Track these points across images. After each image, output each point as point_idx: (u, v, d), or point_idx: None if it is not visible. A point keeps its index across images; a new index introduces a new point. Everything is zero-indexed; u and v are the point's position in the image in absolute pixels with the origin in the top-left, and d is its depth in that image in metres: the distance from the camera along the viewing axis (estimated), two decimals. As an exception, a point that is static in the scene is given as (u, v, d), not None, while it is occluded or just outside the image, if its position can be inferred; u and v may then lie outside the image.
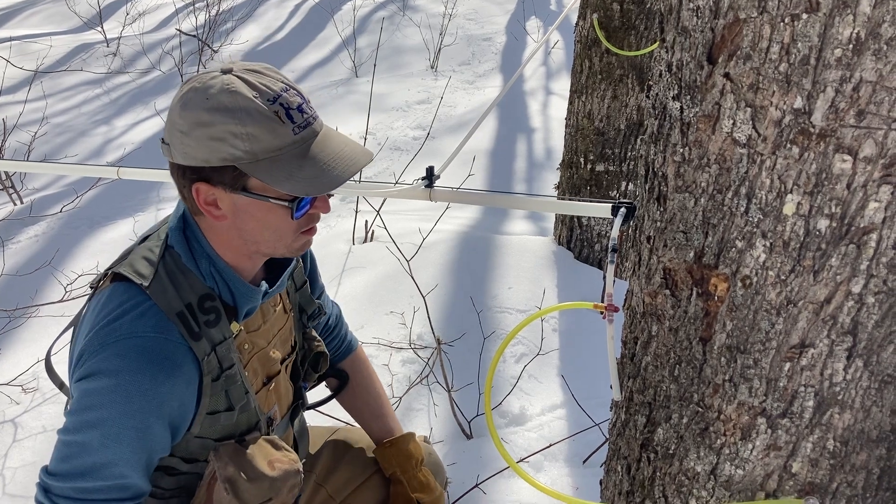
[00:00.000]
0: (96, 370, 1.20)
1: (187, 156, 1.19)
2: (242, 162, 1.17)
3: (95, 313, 1.26)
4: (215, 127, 1.16)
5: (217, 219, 1.25)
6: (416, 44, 7.26)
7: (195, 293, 1.29)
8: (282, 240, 1.30)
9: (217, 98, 1.17)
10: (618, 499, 1.39)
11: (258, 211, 1.24)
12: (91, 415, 1.20)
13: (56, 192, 4.76)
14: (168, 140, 1.23)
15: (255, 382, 1.43)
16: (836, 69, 0.87)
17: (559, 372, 2.64)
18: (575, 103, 3.24)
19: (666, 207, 1.12)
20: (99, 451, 1.20)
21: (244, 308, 1.35)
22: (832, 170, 0.92)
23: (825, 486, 1.12)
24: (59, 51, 7.78)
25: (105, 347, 1.21)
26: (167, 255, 1.29)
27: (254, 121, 1.16)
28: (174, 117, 1.21)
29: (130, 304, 1.24)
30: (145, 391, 1.20)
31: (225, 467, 1.33)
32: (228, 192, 1.22)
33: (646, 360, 1.24)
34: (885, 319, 0.99)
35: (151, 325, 1.23)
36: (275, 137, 1.18)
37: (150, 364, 1.21)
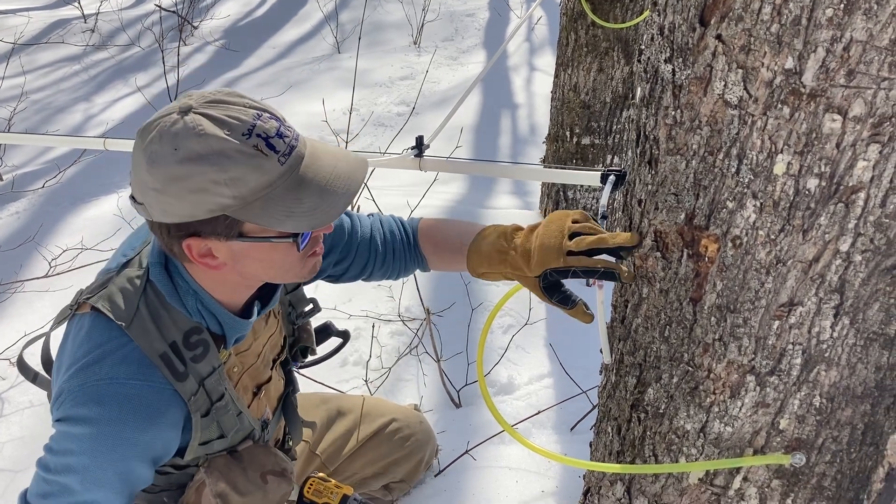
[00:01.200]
0: (76, 416, 1.16)
1: (168, 213, 1.09)
2: (233, 209, 1.07)
3: (75, 348, 1.21)
4: (193, 179, 1.04)
5: (214, 268, 1.16)
6: (399, 20, 7.21)
7: (179, 330, 1.22)
8: (290, 271, 1.22)
9: (186, 146, 1.04)
10: (608, 459, 1.42)
11: (258, 252, 1.15)
12: (72, 459, 1.17)
13: (37, 168, 4.71)
14: (141, 199, 1.11)
15: (246, 397, 1.41)
16: (827, 29, 0.88)
17: (546, 342, 2.67)
18: (561, 76, 3.25)
19: (657, 170, 1.14)
20: (80, 493, 1.17)
21: (233, 338, 1.31)
22: (822, 130, 0.93)
23: (811, 441, 1.15)
24: (35, 26, 7.65)
25: (85, 391, 1.16)
26: (149, 290, 1.22)
27: (234, 162, 1.04)
28: (142, 175, 1.08)
29: (111, 345, 1.18)
30: (127, 439, 1.17)
31: (216, 483, 1.31)
32: (223, 241, 1.12)
33: (636, 323, 1.26)
34: (872, 277, 1.01)
35: (133, 371, 1.17)
36: (262, 174, 1.06)
37: (132, 413, 1.16)
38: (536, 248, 1.25)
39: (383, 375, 2.53)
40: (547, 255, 1.23)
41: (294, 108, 5.38)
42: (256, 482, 1.36)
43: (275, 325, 1.49)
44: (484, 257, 1.35)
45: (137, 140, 1.09)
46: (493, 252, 1.33)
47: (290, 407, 1.62)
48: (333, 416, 1.95)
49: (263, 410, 1.48)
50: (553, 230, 1.25)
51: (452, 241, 1.48)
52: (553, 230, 1.25)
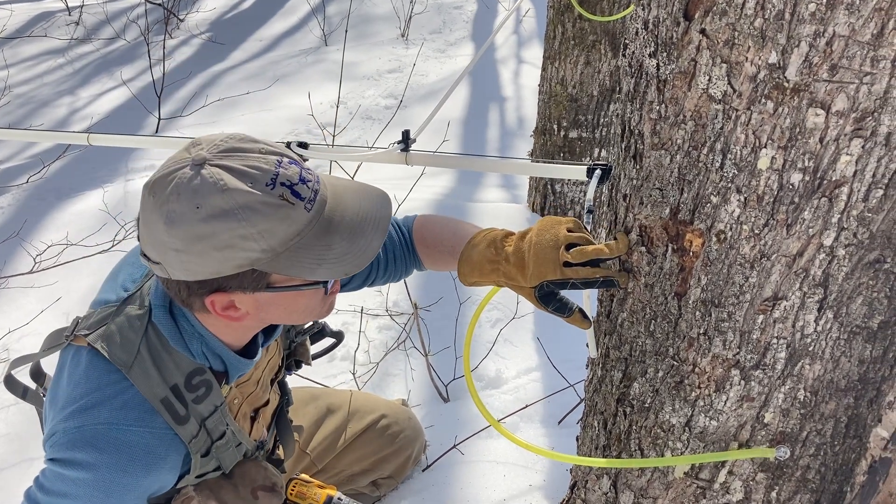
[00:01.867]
0: (72, 460, 1.13)
1: (190, 272, 1.04)
2: (262, 262, 1.03)
3: (72, 386, 1.17)
4: (220, 236, 0.99)
5: (236, 319, 1.12)
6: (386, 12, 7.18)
7: (182, 372, 1.19)
8: (312, 313, 1.19)
9: (210, 203, 0.98)
10: (594, 453, 1.42)
11: (285, 301, 1.12)
12: (65, 502, 1.14)
13: (21, 163, 4.67)
14: (157, 259, 1.05)
15: (245, 425, 1.40)
16: (811, 24, 0.88)
17: (534, 336, 2.67)
18: (548, 70, 3.24)
19: (642, 165, 1.14)
20: None
21: (236, 375, 1.28)
22: (805, 124, 0.94)
23: (795, 435, 1.15)
24: (18, 19, 7.58)
25: (82, 435, 1.13)
26: (150, 332, 1.18)
27: (261, 216, 1.00)
28: (160, 236, 1.02)
29: (111, 390, 1.15)
30: (125, 486, 1.14)
31: (206, 502, 1.30)
32: (250, 293, 1.08)
33: (622, 317, 1.26)
34: (855, 271, 1.02)
35: (134, 418, 1.14)
36: (290, 224, 1.02)
37: (130, 460, 1.13)
38: (532, 259, 1.21)
39: (371, 370, 2.52)
40: (543, 268, 1.19)
41: (281, 102, 5.35)
42: (247, 498, 1.34)
43: (274, 347, 1.46)
44: (475, 267, 1.30)
45: (148, 197, 1.03)
46: (484, 262, 1.29)
47: (284, 420, 1.60)
48: (323, 413, 1.94)
49: (261, 432, 1.47)
50: (548, 240, 1.20)
51: (444, 246, 1.45)
52: (548, 240, 1.20)
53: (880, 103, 0.90)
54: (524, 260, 1.23)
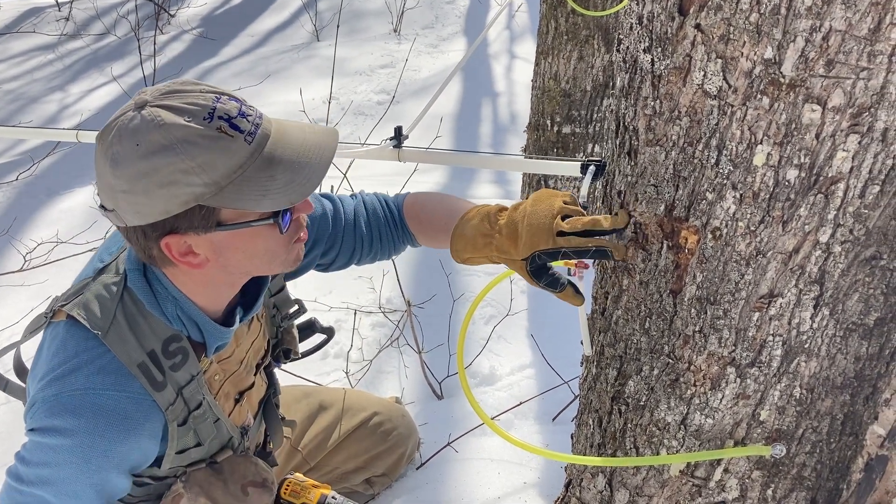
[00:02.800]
0: (50, 427, 1.13)
1: (141, 214, 1.04)
2: (206, 197, 1.03)
3: (50, 356, 1.17)
4: (161, 172, 1.01)
5: (197, 266, 1.12)
6: (378, 7, 7.15)
7: (158, 338, 1.19)
8: (275, 259, 1.18)
9: (148, 140, 1.00)
10: (589, 451, 1.41)
11: (240, 241, 1.11)
12: (46, 471, 1.14)
13: (10, 160, 4.63)
14: (110, 205, 1.07)
15: (227, 405, 1.38)
16: (807, 18, 0.87)
17: (528, 332, 2.66)
18: (541, 65, 3.23)
19: (637, 161, 1.13)
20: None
21: (214, 346, 1.27)
22: (801, 120, 0.93)
23: (791, 432, 1.15)
24: (7, 15, 7.52)
25: (60, 402, 1.13)
26: (126, 297, 1.17)
27: (200, 149, 1.01)
28: (108, 180, 1.04)
29: (87, 355, 1.14)
30: (104, 451, 1.14)
31: (196, 497, 1.29)
32: (203, 234, 1.08)
33: (617, 314, 1.25)
34: (851, 268, 1.01)
35: (111, 382, 1.14)
36: (230, 156, 1.03)
37: (108, 425, 1.13)
38: (525, 230, 1.19)
39: (364, 368, 2.51)
40: (536, 237, 1.17)
41: (272, 98, 5.32)
42: (237, 495, 1.33)
43: (258, 329, 1.45)
44: (468, 242, 1.29)
45: (97, 146, 1.05)
46: (478, 236, 1.28)
47: (271, 410, 1.59)
48: (315, 410, 1.93)
49: (245, 417, 1.46)
50: (542, 210, 1.19)
51: (438, 221, 1.43)
52: (542, 210, 1.19)
53: (877, 99, 0.89)
54: (517, 231, 1.21)
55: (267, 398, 1.57)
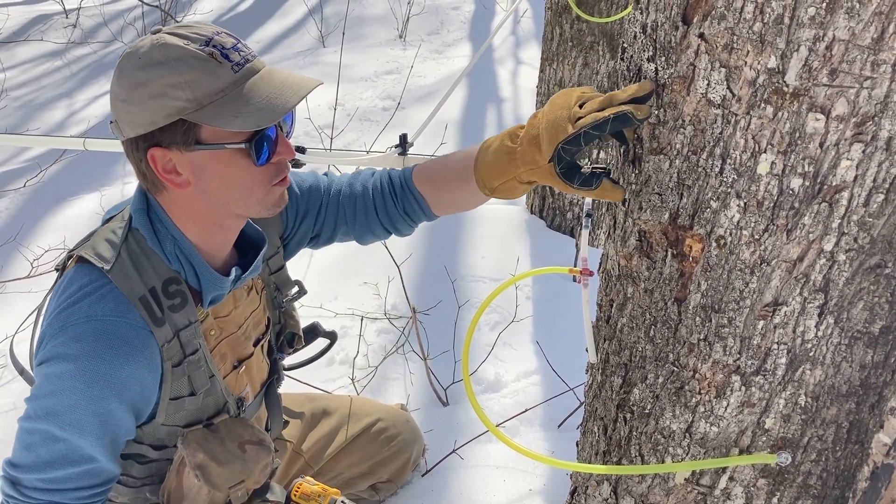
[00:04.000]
0: (55, 355, 1.18)
1: (133, 124, 1.15)
2: (188, 112, 1.13)
3: (57, 296, 1.24)
4: (153, 83, 1.12)
5: (179, 186, 1.20)
6: (383, 13, 7.17)
7: (159, 277, 1.25)
8: (252, 194, 1.23)
9: (148, 55, 1.13)
10: (594, 459, 1.41)
11: (218, 165, 1.19)
12: (51, 401, 1.17)
13: (18, 166, 4.65)
14: (114, 116, 1.19)
15: (224, 367, 1.41)
16: (810, 28, 0.88)
17: (533, 339, 2.66)
18: (546, 71, 3.23)
19: (641, 170, 1.13)
20: (61, 438, 1.18)
21: (209, 295, 1.31)
22: (805, 129, 0.93)
23: (797, 440, 1.14)
24: (15, 21, 7.56)
25: (64, 331, 1.18)
26: (130, 238, 1.25)
27: (190, 67, 1.12)
28: (114, 89, 1.17)
29: (91, 287, 1.21)
30: (104, 375, 1.17)
31: (194, 454, 1.30)
32: (184, 152, 1.16)
33: (621, 322, 1.25)
34: (856, 276, 1.01)
35: (111, 309, 1.19)
36: (215, 79, 1.13)
37: (109, 348, 1.18)
38: (544, 130, 1.17)
39: (370, 374, 2.51)
40: (555, 130, 1.15)
41: (278, 104, 5.33)
42: (235, 452, 1.35)
43: (257, 300, 1.49)
44: (492, 166, 1.29)
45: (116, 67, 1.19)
46: (502, 156, 1.27)
47: (273, 396, 1.62)
48: (319, 414, 1.94)
49: (243, 387, 1.48)
50: (559, 105, 1.17)
51: (454, 169, 1.43)
52: (559, 105, 1.17)
53: (881, 108, 0.89)
54: (538, 135, 1.19)
55: (269, 382, 1.59)
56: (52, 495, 1.21)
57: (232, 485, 1.32)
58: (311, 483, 1.55)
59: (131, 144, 1.19)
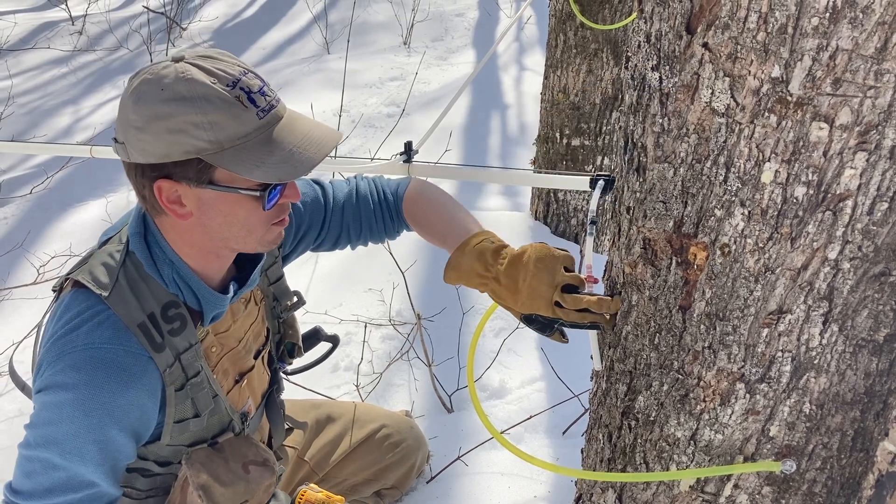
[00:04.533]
0: (52, 383, 1.16)
1: (145, 152, 1.12)
2: (207, 153, 1.10)
3: (54, 322, 1.22)
4: (174, 118, 1.09)
5: (181, 217, 1.18)
6: (388, 20, 7.19)
7: (158, 302, 1.24)
8: (252, 234, 1.23)
9: (172, 88, 1.09)
10: (599, 466, 1.41)
11: (224, 205, 1.17)
12: (50, 430, 1.16)
13: (24, 173, 4.68)
14: (122, 138, 1.14)
15: (226, 383, 1.41)
16: (813, 38, 0.88)
17: (538, 345, 2.66)
18: (550, 78, 3.24)
19: (645, 178, 1.14)
20: (62, 466, 1.17)
21: (210, 314, 1.31)
22: (809, 138, 0.93)
23: (801, 448, 1.14)
24: (22, 29, 7.60)
25: (61, 359, 1.17)
26: (128, 262, 1.24)
27: (215, 108, 1.09)
28: (127, 113, 1.13)
29: (88, 313, 1.19)
30: (104, 404, 1.16)
31: (198, 474, 1.30)
32: (193, 188, 1.15)
33: (626, 330, 1.25)
34: (860, 284, 1.01)
35: (109, 336, 1.18)
36: (239, 124, 1.11)
37: (107, 376, 1.16)
38: (526, 291, 1.28)
39: (374, 381, 2.52)
40: (537, 303, 1.27)
41: (283, 111, 5.35)
42: (238, 473, 1.35)
43: (256, 312, 1.48)
44: (463, 276, 1.37)
45: (128, 83, 1.15)
46: (473, 275, 1.36)
47: (274, 406, 1.62)
48: (323, 421, 1.94)
49: (245, 401, 1.47)
50: (545, 279, 1.26)
51: (434, 233, 1.51)
52: (545, 279, 1.26)
53: (884, 116, 0.90)
54: (517, 287, 1.30)
55: (270, 392, 1.59)
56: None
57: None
58: (315, 490, 1.55)
59: (137, 169, 1.16)
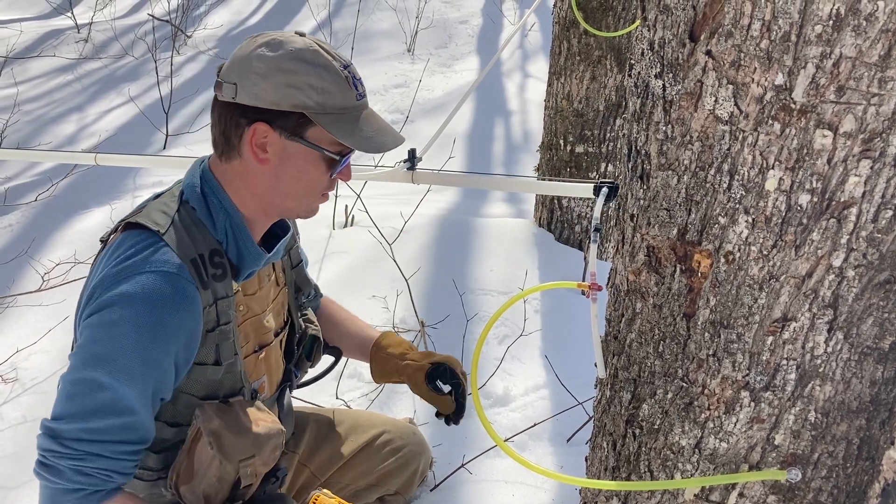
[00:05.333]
0: (108, 303, 1.22)
1: (257, 97, 1.26)
2: (312, 111, 1.27)
3: (106, 259, 1.28)
4: (297, 75, 1.26)
5: (260, 162, 1.31)
6: (391, 28, 7.22)
7: (207, 246, 1.33)
8: (309, 195, 1.38)
9: (301, 52, 1.28)
10: (603, 475, 1.41)
11: (303, 161, 1.32)
12: (101, 348, 1.22)
13: (30, 180, 4.69)
14: (235, 79, 1.28)
15: (246, 347, 1.45)
16: (817, 45, 0.88)
17: (542, 353, 2.66)
18: (554, 85, 3.25)
19: (649, 185, 1.13)
20: (108, 386, 1.21)
21: (247, 269, 1.39)
22: (813, 145, 0.93)
23: (807, 456, 1.14)
24: (27, 37, 7.64)
25: (117, 282, 1.23)
26: (182, 209, 1.33)
27: (331, 78, 1.28)
28: (251, 60, 1.28)
29: (144, 244, 1.27)
30: (157, 323, 1.22)
31: (210, 420, 1.33)
32: (284, 138, 1.29)
33: (630, 338, 1.25)
34: (865, 292, 1.01)
35: (165, 261, 1.26)
36: (343, 98, 1.30)
37: (162, 297, 1.23)
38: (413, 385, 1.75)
39: (378, 388, 2.51)
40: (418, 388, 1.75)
41: (287, 118, 5.36)
42: (248, 426, 1.38)
43: (277, 290, 1.56)
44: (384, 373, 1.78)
45: (249, 40, 1.33)
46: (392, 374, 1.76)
47: (284, 402, 1.67)
48: (324, 427, 1.94)
49: (260, 376, 1.51)
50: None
51: (347, 345, 1.85)
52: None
53: (888, 124, 0.90)
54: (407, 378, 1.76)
55: (284, 387, 1.64)
56: (93, 446, 1.23)
57: (243, 458, 1.34)
58: (328, 496, 1.55)
59: (237, 109, 1.28)
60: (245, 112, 1.28)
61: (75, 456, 1.22)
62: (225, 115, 1.31)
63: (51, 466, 1.23)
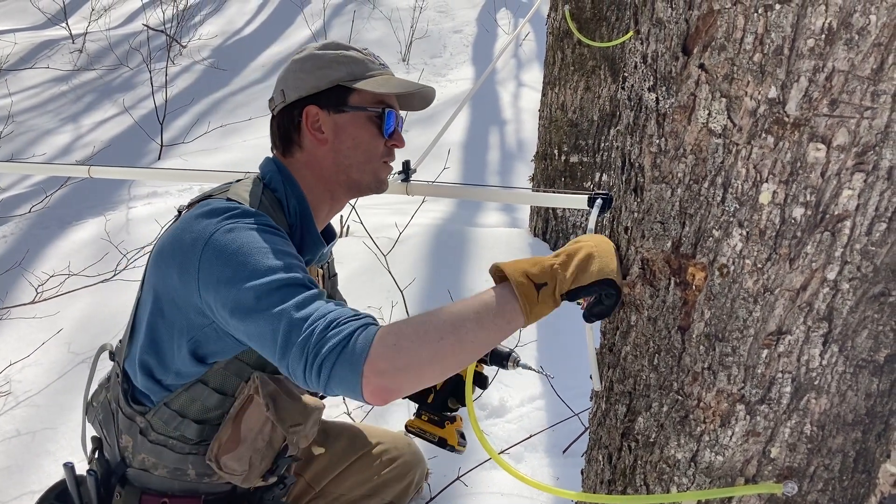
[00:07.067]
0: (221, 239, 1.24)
1: (299, 88, 1.47)
2: (345, 80, 1.46)
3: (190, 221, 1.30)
4: (323, 58, 1.47)
5: (320, 142, 1.47)
6: (385, 37, 7.23)
7: (284, 228, 1.41)
8: (370, 161, 1.50)
9: (325, 44, 1.52)
10: (599, 488, 1.40)
11: (354, 127, 1.47)
12: (246, 258, 1.21)
13: (23, 191, 4.68)
14: (281, 87, 1.50)
15: None
16: (810, 59, 0.88)
17: (538, 363, 2.65)
18: (548, 95, 3.25)
19: (643, 198, 1.13)
20: (279, 250, 1.23)
21: (306, 255, 1.48)
22: (806, 159, 0.93)
23: (803, 470, 1.13)
24: (21, 48, 7.63)
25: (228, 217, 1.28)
26: (264, 193, 1.44)
27: (354, 55, 1.50)
28: (288, 70, 1.51)
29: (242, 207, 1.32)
30: (272, 225, 1.30)
31: (267, 384, 1.41)
32: (332, 114, 1.46)
33: (625, 350, 1.25)
34: (860, 305, 1.00)
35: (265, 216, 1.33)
36: (366, 67, 1.50)
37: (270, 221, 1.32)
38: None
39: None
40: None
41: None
42: (299, 395, 1.46)
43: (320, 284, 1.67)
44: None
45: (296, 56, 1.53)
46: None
47: None
48: (320, 438, 1.93)
49: None
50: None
51: None
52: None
53: (881, 137, 0.89)
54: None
55: None
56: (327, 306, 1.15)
57: (293, 424, 1.42)
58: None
59: (289, 109, 1.48)
60: (295, 106, 1.47)
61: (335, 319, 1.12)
62: (281, 120, 1.49)
63: (352, 332, 1.10)
